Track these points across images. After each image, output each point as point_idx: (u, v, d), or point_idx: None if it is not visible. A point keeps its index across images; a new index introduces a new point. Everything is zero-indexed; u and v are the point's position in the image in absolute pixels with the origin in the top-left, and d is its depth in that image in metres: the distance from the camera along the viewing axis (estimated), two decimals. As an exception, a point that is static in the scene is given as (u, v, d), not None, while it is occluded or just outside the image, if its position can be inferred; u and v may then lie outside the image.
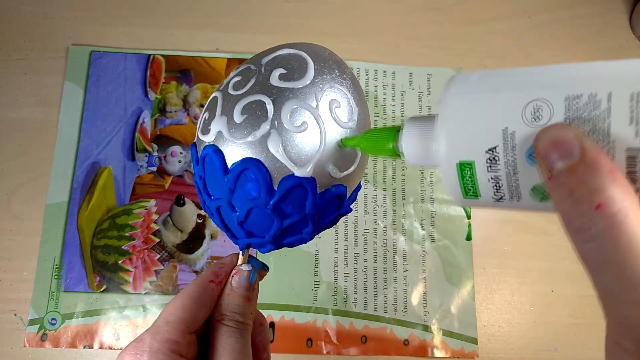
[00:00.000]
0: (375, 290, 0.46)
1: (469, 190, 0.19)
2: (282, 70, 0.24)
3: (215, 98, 0.25)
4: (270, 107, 0.23)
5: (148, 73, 0.50)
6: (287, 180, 0.22)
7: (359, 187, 0.26)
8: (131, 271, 0.45)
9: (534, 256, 0.47)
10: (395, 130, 0.22)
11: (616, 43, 0.54)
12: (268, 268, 0.28)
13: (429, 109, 0.51)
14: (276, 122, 0.22)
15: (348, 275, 0.46)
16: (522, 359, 0.45)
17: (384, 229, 0.47)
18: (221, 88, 0.25)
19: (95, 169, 0.47)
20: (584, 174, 0.15)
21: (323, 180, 0.23)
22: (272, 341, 0.43)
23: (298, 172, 0.22)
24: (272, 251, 0.26)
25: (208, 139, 0.24)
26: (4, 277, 0.44)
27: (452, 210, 0.48)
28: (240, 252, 0.26)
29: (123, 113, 0.49)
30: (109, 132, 0.48)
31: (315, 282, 0.45)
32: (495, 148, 0.18)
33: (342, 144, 0.24)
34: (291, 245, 0.25)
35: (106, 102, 0.49)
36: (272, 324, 0.44)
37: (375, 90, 0.51)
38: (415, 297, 0.45)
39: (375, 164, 0.49)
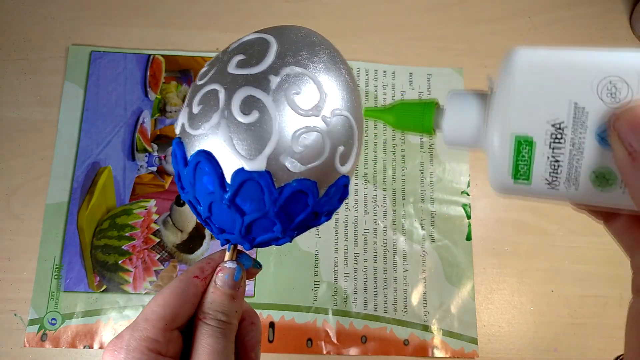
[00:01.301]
0: (375, 290, 0.46)
1: (521, 172, 0.18)
2: (241, 57, 0.22)
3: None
4: (222, 96, 0.21)
5: (148, 73, 0.50)
6: (238, 174, 0.21)
7: (342, 181, 0.23)
8: (131, 271, 0.45)
9: (534, 256, 0.47)
10: (433, 104, 0.20)
11: (616, 43, 0.54)
12: (260, 266, 0.27)
13: (429, 109, 0.51)
14: (226, 112, 0.21)
15: (348, 275, 0.46)
16: (522, 359, 0.45)
17: (384, 229, 0.47)
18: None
19: (95, 169, 0.47)
20: None
21: (281, 174, 0.21)
22: (272, 341, 0.43)
23: (249, 166, 0.21)
24: (273, 249, 0.25)
25: (177, 131, 0.23)
26: (4, 277, 0.44)
27: (452, 210, 0.48)
28: (227, 248, 0.25)
29: (123, 113, 0.49)
30: (109, 132, 0.48)
31: (315, 282, 0.45)
32: (561, 124, 0.17)
33: (364, 115, 0.22)
34: (267, 244, 0.24)
35: (106, 102, 0.49)
36: (272, 324, 0.44)
37: (375, 90, 0.51)
38: (415, 297, 0.45)
39: (375, 164, 0.49)
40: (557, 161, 0.17)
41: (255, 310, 0.44)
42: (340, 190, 0.23)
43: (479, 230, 0.47)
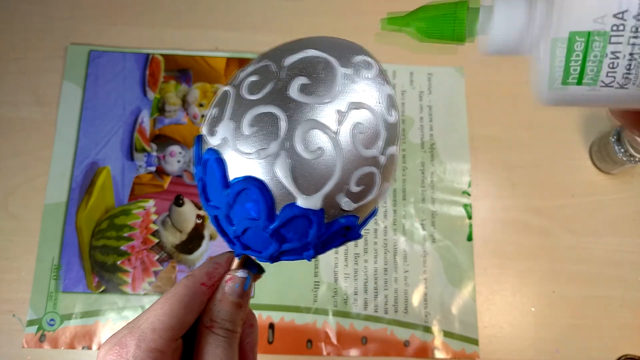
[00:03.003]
0: (375, 291, 0.45)
1: (573, 73, 0.16)
2: (305, 80, 0.21)
3: (226, 94, 0.22)
4: (283, 125, 0.20)
5: (147, 72, 0.50)
6: (291, 209, 0.20)
7: (374, 212, 0.23)
8: (130, 272, 0.44)
9: (535, 257, 0.47)
10: (465, 5, 0.18)
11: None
12: (264, 271, 0.26)
13: (430, 108, 0.50)
14: (288, 144, 0.20)
15: (348, 275, 0.46)
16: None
17: (385, 229, 0.47)
18: (235, 83, 0.22)
19: (94, 169, 0.47)
20: None
21: (332, 211, 0.21)
22: (271, 342, 0.43)
23: (304, 203, 0.20)
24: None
25: (213, 141, 0.21)
26: (2, 277, 0.44)
27: (453, 210, 0.48)
28: (236, 257, 0.24)
29: (122, 112, 0.48)
30: (108, 132, 0.48)
31: (315, 283, 0.45)
32: (624, 13, 0.15)
33: (386, 24, 0.19)
34: (289, 260, 0.24)
35: (105, 102, 0.49)
36: (271, 325, 0.44)
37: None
38: (416, 298, 0.45)
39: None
40: (616, 57, 0.15)
41: (255, 311, 0.44)
42: (367, 222, 0.23)
43: (480, 230, 0.47)
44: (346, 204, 0.21)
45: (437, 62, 0.52)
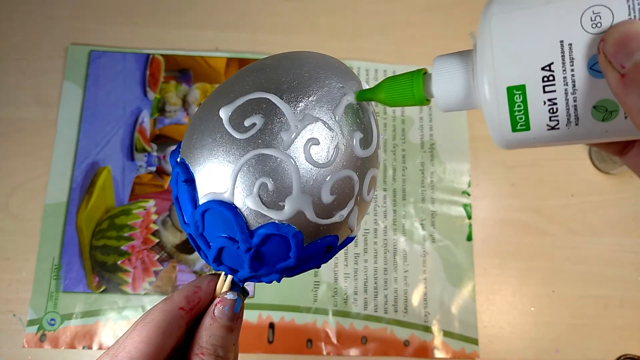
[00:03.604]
0: (375, 290, 0.45)
1: (519, 121, 0.17)
2: (360, 135, 0.22)
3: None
4: (356, 185, 0.22)
5: (147, 72, 0.50)
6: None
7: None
8: (130, 272, 0.44)
9: (535, 257, 0.47)
10: (420, 73, 0.20)
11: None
12: (248, 293, 0.25)
13: (430, 108, 0.50)
14: (358, 198, 0.22)
15: (348, 275, 0.46)
16: (523, 359, 0.44)
17: (384, 229, 0.47)
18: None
19: (94, 168, 0.47)
20: None
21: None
22: (271, 342, 0.43)
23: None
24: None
25: (282, 217, 0.21)
26: (2, 277, 0.44)
27: (452, 210, 0.48)
28: (223, 275, 0.23)
29: (122, 113, 0.48)
30: (108, 132, 0.48)
31: (315, 283, 0.45)
32: (551, 65, 0.16)
33: (356, 98, 0.21)
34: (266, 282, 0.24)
35: (105, 102, 0.49)
36: (271, 325, 0.44)
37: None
38: (416, 298, 0.45)
39: (375, 163, 0.48)
40: (554, 103, 0.17)
41: (255, 310, 0.44)
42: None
43: (479, 230, 0.47)
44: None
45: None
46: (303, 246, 0.21)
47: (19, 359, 0.42)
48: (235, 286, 0.24)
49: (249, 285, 0.44)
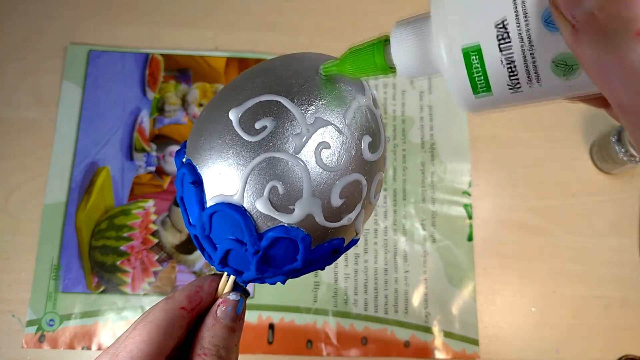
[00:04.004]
0: (375, 291, 0.45)
1: (480, 84, 0.17)
2: (369, 139, 0.22)
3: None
4: (364, 189, 0.22)
5: (146, 72, 0.49)
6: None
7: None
8: (129, 272, 0.44)
9: (535, 257, 0.47)
10: (382, 41, 0.20)
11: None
12: (249, 294, 0.25)
13: (430, 108, 0.50)
14: (365, 201, 0.22)
15: (348, 276, 0.45)
16: (523, 360, 0.44)
17: (385, 229, 0.47)
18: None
19: (94, 169, 0.47)
20: (615, 8, 0.13)
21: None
22: (271, 343, 0.43)
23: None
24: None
25: (296, 221, 0.21)
26: (1, 277, 0.44)
27: (453, 210, 0.48)
28: (225, 276, 0.23)
29: (121, 112, 0.48)
30: (107, 132, 0.48)
31: (315, 283, 0.45)
32: (504, 21, 0.16)
33: (323, 74, 0.21)
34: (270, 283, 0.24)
35: (104, 102, 0.48)
36: (271, 325, 0.44)
37: (376, 90, 0.50)
38: (416, 298, 0.45)
39: (375, 163, 0.48)
40: (511, 62, 0.16)
41: (255, 311, 0.44)
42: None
43: (480, 230, 0.47)
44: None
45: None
46: (311, 249, 0.21)
47: (18, 359, 0.42)
48: (237, 287, 0.24)
49: (248, 285, 0.44)
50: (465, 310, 0.45)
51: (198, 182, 0.21)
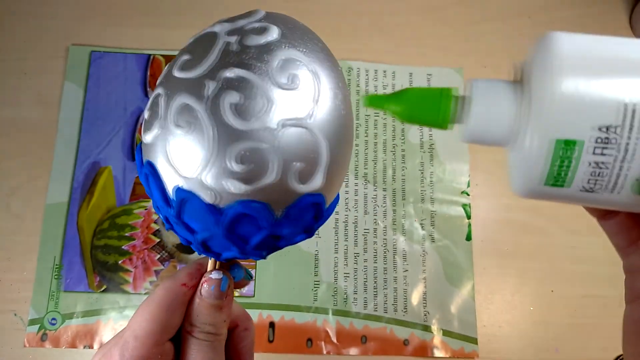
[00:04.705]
0: (375, 290, 0.46)
1: (557, 177, 0.16)
2: (187, 57, 0.20)
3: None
4: (162, 103, 0.19)
5: (148, 73, 0.50)
6: (177, 192, 0.19)
7: (306, 201, 0.20)
8: (131, 271, 0.45)
9: (534, 256, 0.47)
10: (450, 93, 0.18)
11: (616, 43, 0.54)
12: (251, 277, 0.25)
13: (429, 109, 0.51)
14: (164, 122, 0.19)
15: (348, 275, 0.46)
16: (522, 359, 0.45)
17: (384, 229, 0.47)
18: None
19: (95, 168, 0.47)
20: None
21: (224, 195, 0.19)
22: (272, 341, 0.43)
23: (187, 184, 0.19)
24: (269, 253, 0.23)
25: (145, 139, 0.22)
26: (4, 277, 0.44)
27: (452, 210, 0.48)
28: (210, 257, 0.23)
29: (123, 113, 0.49)
30: (109, 132, 0.48)
31: (315, 282, 0.45)
32: (610, 127, 0.15)
33: (366, 104, 0.19)
34: (237, 259, 0.23)
35: (106, 102, 0.49)
36: (272, 324, 0.44)
37: (375, 90, 0.51)
38: (415, 297, 0.45)
39: (375, 164, 0.49)
40: (601, 167, 0.16)
41: (256, 310, 0.44)
42: (308, 210, 0.21)
43: (479, 230, 0.47)
44: (233, 185, 0.19)
45: (437, 63, 0.52)
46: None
47: (20, 358, 0.42)
48: (233, 267, 0.24)
49: (249, 286, 0.45)
50: (464, 309, 0.45)
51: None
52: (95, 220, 0.46)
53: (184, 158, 0.19)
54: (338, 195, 0.23)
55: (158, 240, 0.45)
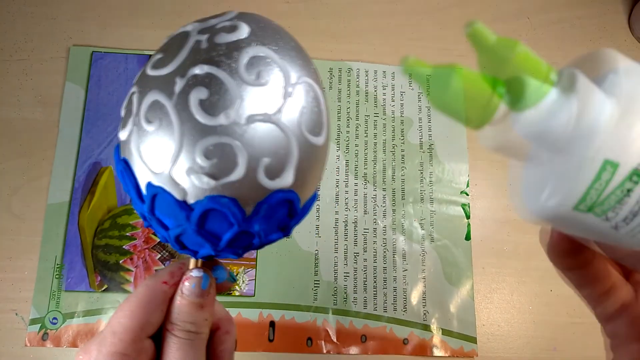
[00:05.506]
0: (375, 289, 0.46)
1: (589, 199, 0.15)
2: (160, 55, 0.20)
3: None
4: (135, 101, 0.20)
5: (149, 73, 0.50)
6: (148, 188, 0.20)
7: (277, 197, 0.20)
8: (132, 271, 0.45)
9: (533, 256, 0.47)
10: (502, 84, 0.16)
11: (615, 43, 0.54)
12: (235, 280, 0.25)
13: (429, 109, 0.51)
14: (136, 119, 0.20)
15: (348, 274, 0.46)
16: (521, 358, 0.45)
17: (384, 228, 0.47)
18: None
19: (97, 168, 0.47)
20: None
21: (193, 190, 0.19)
22: (272, 340, 0.44)
23: (156, 179, 0.19)
24: (273, 248, 0.23)
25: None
26: (5, 276, 0.44)
27: (451, 210, 0.48)
28: (190, 256, 0.23)
29: (124, 113, 0.49)
30: (110, 132, 0.48)
31: (315, 282, 0.45)
32: None
33: (405, 67, 0.17)
34: (213, 257, 0.22)
35: (107, 103, 0.49)
36: (272, 323, 0.44)
37: (375, 91, 0.51)
38: (415, 297, 0.46)
39: (375, 164, 0.49)
40: (628, 195, 0.15)
41: (256, 309, 0.44)
42: (280, 206, 0.20)
43: (478, 230, 0.48)
44: (200, 180, 0.19)
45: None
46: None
47: (21, 357, 0.43)
48: (216, 269, 0.24)
49: (249, 284, 0.45)
50: (463, 309, 0.45)
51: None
52: (96, 220, 0.46)
53: (154, 154, 0.19)
54: (316, 194, 0.23)
55: (159, 239, 0.46)
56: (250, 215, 0.20)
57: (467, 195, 0.49)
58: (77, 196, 0.46)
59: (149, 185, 0.19)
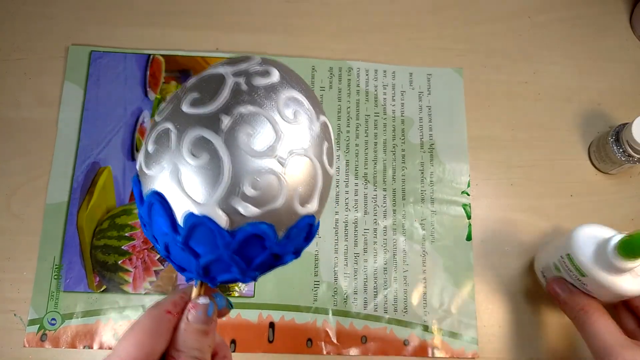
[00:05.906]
0: (375, 290, 0.45)
1: None
2: (196, 94, 0.22)
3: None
4: (173, 137, 0.21)
5: (148, 73, 0.50)
6: (189, 218, 0.21)
7: (304, 222, 0.23)
8: (131, 271, 0.45)
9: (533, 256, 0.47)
10: None
11: (616, 43, 0.54)
12: (232, 306, 0.26)
13: (429, 108, 0.51)
14: (177, 153, 0.21)
15: (348, 275, 0.46)
16: (522, 359, 0.45)
17: (384, 229, 0.47)
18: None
19: (95, 169, 0.47)
20: None
21: (235, 217, 0.21)
22: (272, 341, 0.43)
23: (199, 209, 0.21)
24: (262, 274, 0.24)
25: (137, 167, 0.23)
26: (3, 277, 0.44)
27: (452, 210, 0.48)
28: (194, 284, 0.24)
29: (123, 113, 0.49)
30: (109, 132, 0.48)
31: (315, 282, 0.45)
32: None
33: (619, 248, 0.23)
34: (230, 282, 0.24)
35: (106, 102, 0.49)
36: (272, 324, 0.44)
37: (375, 90, 0.51)
38: (415, 298, 0.45)
39: (375, 164, 0.49)
40: None
41: (256, 310, 0.44)
42: (304, 230, 0.23)
43: (479, 230, 0.47)
44: (245, 208, 0.21)
45: (437, 63, 0.52)
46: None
47: (19, 358, 0.42)
48: (216, 296, 0.25)
49: (249, 286, 0.45)
50: (464, 310, 0.45)
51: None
52: (95, 220, 0.46)
53: (197, 185, 0.21)
54: (319, 221, 0.25)
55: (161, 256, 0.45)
56: (281, 240, 0.22)
57: (468, 195, 0.48)
58: (76, 196, 0.46)
59: (190, 215, 0.21)
